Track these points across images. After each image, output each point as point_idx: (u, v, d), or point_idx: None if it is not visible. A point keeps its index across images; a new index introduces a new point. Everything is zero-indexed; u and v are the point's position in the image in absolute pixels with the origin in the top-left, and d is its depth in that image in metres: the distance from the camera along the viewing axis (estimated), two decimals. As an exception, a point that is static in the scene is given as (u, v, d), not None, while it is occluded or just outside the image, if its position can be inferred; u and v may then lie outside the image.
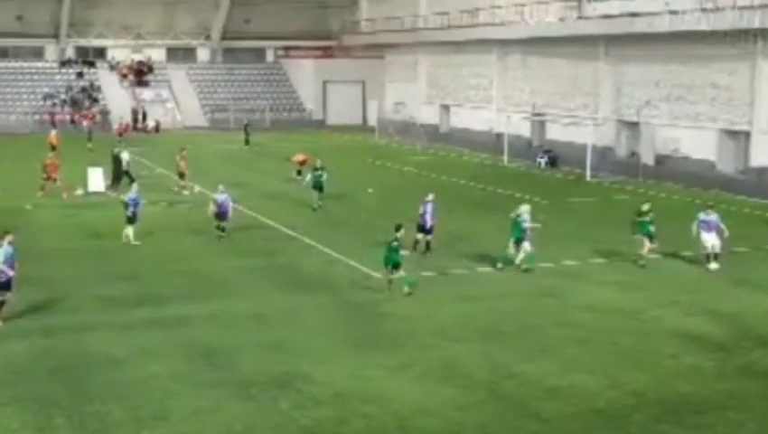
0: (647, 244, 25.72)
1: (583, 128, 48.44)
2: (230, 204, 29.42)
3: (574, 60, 54.82)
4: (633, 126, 50.64)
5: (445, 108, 68.69)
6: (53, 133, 50.41)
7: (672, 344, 19.14)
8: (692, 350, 18.72)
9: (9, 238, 19.96)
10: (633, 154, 49.43)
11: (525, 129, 57.26)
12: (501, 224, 31.74)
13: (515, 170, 48.50)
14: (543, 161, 50.05)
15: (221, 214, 29.07)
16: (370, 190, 39.39)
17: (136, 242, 28.20)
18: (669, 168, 45.72)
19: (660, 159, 47.55)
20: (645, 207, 26.42)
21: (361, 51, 77.58)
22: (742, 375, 17.27)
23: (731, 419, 15.17)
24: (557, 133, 54.84)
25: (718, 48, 44.46)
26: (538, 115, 57.01)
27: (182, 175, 38.68)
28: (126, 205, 28.47)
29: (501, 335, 19.51)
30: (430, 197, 27.49)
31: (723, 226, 25.32)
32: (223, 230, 29.11)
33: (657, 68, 48.83)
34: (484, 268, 25.56)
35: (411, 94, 71.83)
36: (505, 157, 51.17)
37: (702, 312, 21.36)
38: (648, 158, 47.77)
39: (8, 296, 19.97)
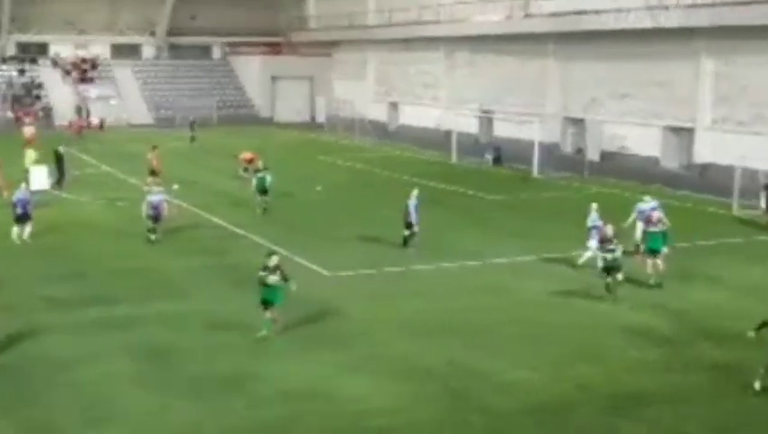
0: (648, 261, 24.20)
1: (530, 125, 48.82)
2: (165, 205, 28.80)
3: (521, 57, 55.21)
4: (579, 122, 51.17)
5: (394, 105, 68.79)
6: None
7: (619, 338, 19.41)
8: (638, 344, 19.00)
9: None
10: (579, 150, 49.96)
11: (473, 126, 57.55)
12: (450, 221, 31.99)
13: (463, 167, 48.73)
14: (491, 158, 50.39)
15: (155, 216, 28.06)
16: (319, 187, 39.31)
17: (28, 240, 27.76)
18: (614, 164, 46.27)
19: (606, 155, 48.12)
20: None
21: (310, 48, 77.31)
22: (687, 369, 17.57)
23: (677, 411, 15.43)
24: (504, 130, 55.18)
25: (663, 46, 45.11)
26: (486, 112, 57.35)
27: (153, 173, 38.14)
28: (14, 206, 28.05)
29: (452, 332, 19.61)
30: (414, 193, 27.72)
31: (662, 215, 25.05)
32: (155, 231, 28.14)
33: (603, 65, 49.38)
34: (436, 265, 25.66)
35: (359, 91, 71.78)
36: (453, 154, 51.41)
37: (648, 306, 21.67)
38: (594, 155, 48.30)
39: None
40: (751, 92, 41.30)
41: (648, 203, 26.10)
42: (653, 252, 23.68)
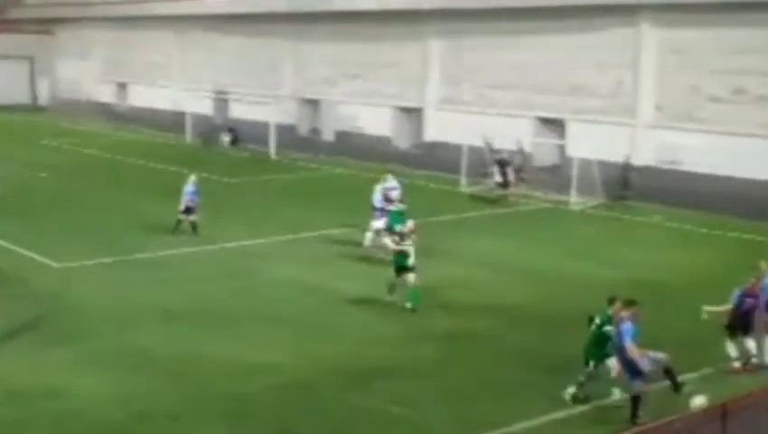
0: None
1: (265, 106, 48.62)
2: None
3: (255, 38, 54.78)
4: (314, 103, 51.56)
5: (123, 86, 66.31)
6: None
7: (358, 314, 19.65)
8: (377, 319, 19.31)
9: None
10: (315, 131, 50.38)
11: (208, 108, 56.55)
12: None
13: (199, 149, 47.75)
14: (227, 139, 49.77)
15: None
16: (44, 174, 37.10)
17: None
18: (349, 145, 47.01)
19: (341, 136, 48.81)
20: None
21: (29, 26, 72.77)
22: (425, 340, 18.03)
23: (416, 382, 15.78)
24: (240, 111, 54.64)
25: (392, 27, 46.28)
26: (221, 93, 56.53)
27: None
28: None
29: (188, 319, 19.05)
30: (192, 178, 26.95)
31: (398, 194, 25.66)
32: None
33: (335, 46, 49.94)
34: (178, 251, 24.86)
35: (85, 72, 68.59)
36: (188, 136, 50.26)
37: (384, 282, 22.04)
38: (329, 135, 48.86)
39: None
40: (475, 74, 43.25)
41: (388, 182, 26.58)
42: (391, 230, 24.17)
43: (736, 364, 16.37)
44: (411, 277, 19.79)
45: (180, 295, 20.84)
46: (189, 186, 26.86)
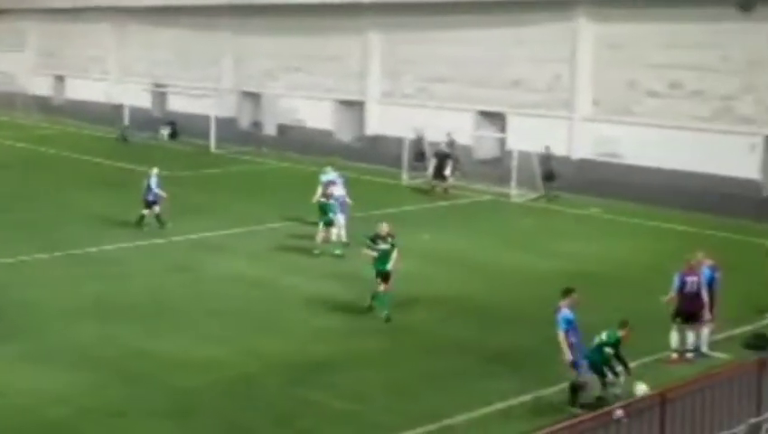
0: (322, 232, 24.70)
1: (205, 99, 48.29)
2: None
3: (194, 30, 54.35)
4: (255, 96, 51.35)
5: (60, 78, 65.28)
6: None
7: (303, 308, 19.72)
8: (321, 313, 19.40)
9: None
10: (256, 124, 50.17)
11: (146, 101, 55.94)
12: (131, 201, 30.77)
13: (138, 143, 47.28)
14: (166, 133, 49.36)
15: None
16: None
17: None
18: (291, 138, 46.94)
19: (283, 129, 48.70)
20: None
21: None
22: (368, 333, 18.18)
23: (358, 374, 15.93)
24: (179, 104, 54.18)
25: (333, 20, 46.30)
26: (159, 86, 55.97)
27: None
28: None
29: (133, 314, 18.95)
30: (154, 171, 26.91)
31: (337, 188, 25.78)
32: None
33: (276, 39, 49.78)
34: (116, 246, 24.66)
35: (19, 64, 67.38)
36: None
37: (329, 276, 22.18)
38: (270, 129, 48.71)
39: None
40: (415, 67, 43.48)
41: (327, 175, 26.63)
42: (328, 224, 24.32)
43: (674, 355, 16.72)
44: (383, 285, 18.88)
45: (125, 289, 20.72)
46: (151, 179, 26.83)
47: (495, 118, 40.78)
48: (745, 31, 32.85)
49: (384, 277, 18.92)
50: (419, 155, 36.87)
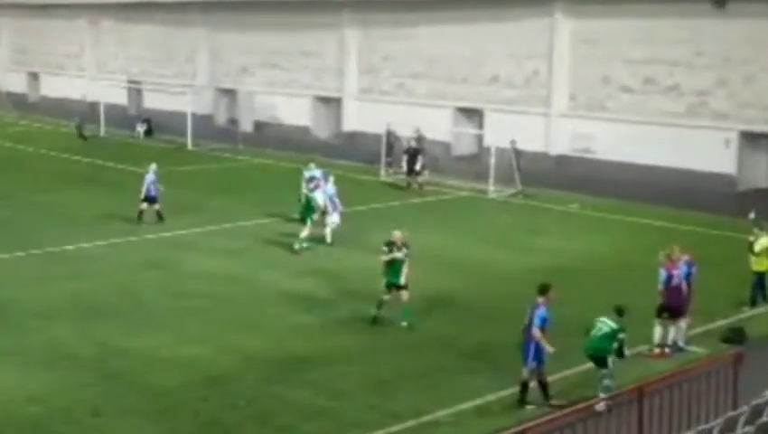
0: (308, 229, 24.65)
1: (181, 96, 48.06)
2: None
3: (169, 26, 54.05)
4: (232, 93, 51.15)
5: (34, 75, 64.77)
6: None
7: (280, 305, 19.68)
8: (299, 310, 19.36)
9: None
10: (233, 121, 49.99)
11: (122, 98, 55.61)
12: (105, 199, 30.70)
13: (114, 140, 46.98)
14: (142, 130, 49.10)
15: None
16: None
17: None
18: (267, 135, 46.79)
19: (259, 126, 48.54)
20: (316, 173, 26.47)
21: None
22: (344, 330, 18.17)
23: (336, 371, 15.91)
24: (155, 101, 53.89)
25: (310, 17, 46.16)
26: (135, 83, 55.65)
27: None
28: None
29: (109, 312, 18.84)
30: (152, 167, 26.90)
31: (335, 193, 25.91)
32: None
33: (253, 36, 49.60)
34: (93, 244, 24.50)
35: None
36: (102, 127, 49.39)
37: (307, 273, 22.15)
38: (247, 125, 48.56)
39: None
40: (393, 64, 43.45)
41: (311, 171, 26.68)
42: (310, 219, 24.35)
43: (656, 350, 16.79)
44: (404, 294, 18.27)
45: (101, 287, 20.59)
46: (149, 175, 26.85)
47: (473, 115, 40.82)
48: (719, 26, 33.04)
49: (398, 288, 18.29)
50: (389, 150, 36.94)
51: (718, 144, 32.81)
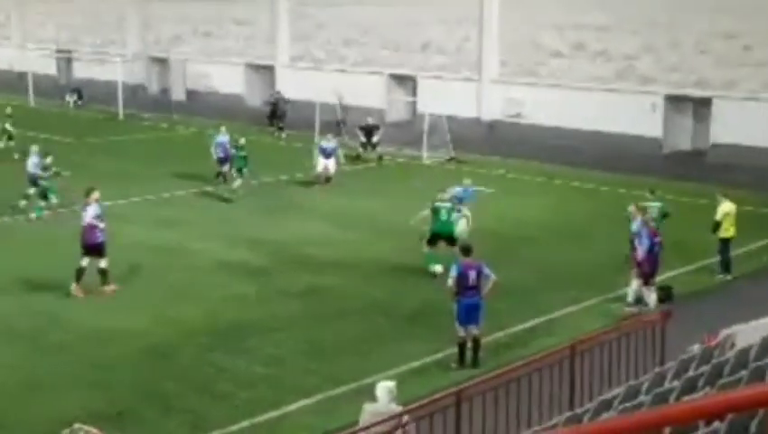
0: (238, 180, 26.49)
1: (112, 65, 47.32)
2: None
3: (98, -6, 53.14)
4: (163, 62, 50.52)
5: (-42, 45, 63.13)
6: None
7: (217, 275, 19.70)
8: (236, 279, 19.42)
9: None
10: (165, 90, 49.42)
11: (51, 67, 54.55)
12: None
13: (44, 111, 46.13)
14: (72, 100, 48.27)
15: None
16: None
17: None
18: (200, 103, 46.39)
19: (192, 94, 48.08)
20: (242, 141, 27.27)
21: None
22: (281, 297, 18.30)
23: (274, 338, 16.06)
24: (85, 71, 52.99)
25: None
26: (64, 52, 54.59)
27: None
28: None
29: (45, 285, 18.67)
30: (222, 129, 28.20)
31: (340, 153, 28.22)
32: None
33: (185, 4, 48.99)
34: (23, 216, 24.20)
35: None
36: (30, 98, 48.42)
37: (244, 241, 22.17)
38: (179, 94, 48.04)
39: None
40: (325, 31, 43.31)
41: (221, 136, 27.83)
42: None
43: (635, 309, 17.08)
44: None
45: (35, 261, 20.36)
46: (221, 137, 27.37)
47: (406, 81, 40.96)
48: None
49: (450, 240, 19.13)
50: (273, 114, 39.22)
51: (645, 108, 33.51)
